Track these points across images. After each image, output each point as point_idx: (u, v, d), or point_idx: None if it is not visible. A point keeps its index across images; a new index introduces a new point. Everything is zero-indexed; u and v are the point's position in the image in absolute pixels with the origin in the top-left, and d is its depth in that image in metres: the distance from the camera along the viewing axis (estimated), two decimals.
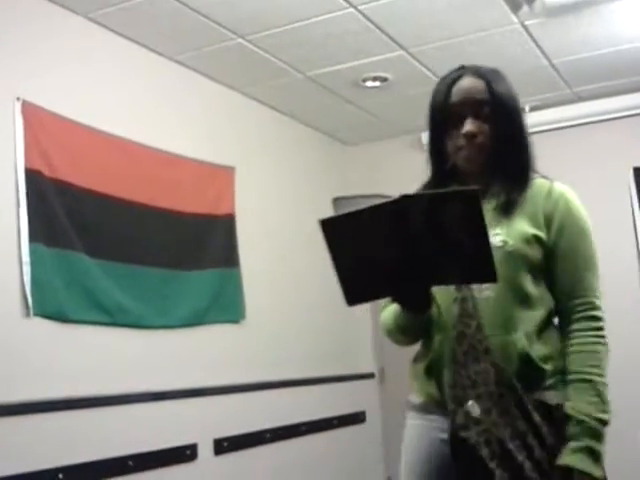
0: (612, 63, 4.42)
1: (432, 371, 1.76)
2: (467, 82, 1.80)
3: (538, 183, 1.85)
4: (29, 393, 3.05)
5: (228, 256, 4.28)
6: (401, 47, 4.05)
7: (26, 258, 3.08)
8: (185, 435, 3.80)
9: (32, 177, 3.16)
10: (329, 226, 1.51)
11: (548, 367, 1.70)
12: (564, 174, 5.59)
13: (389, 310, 1.83)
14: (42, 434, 3.08)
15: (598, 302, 1.76)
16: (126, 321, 3.55)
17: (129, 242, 3.64)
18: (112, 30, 3.68)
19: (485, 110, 1.77)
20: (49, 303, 3.16)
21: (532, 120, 5.18)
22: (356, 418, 5.24)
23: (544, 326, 1.75)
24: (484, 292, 1.69)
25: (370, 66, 4.30)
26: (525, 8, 3.63)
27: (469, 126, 1.75)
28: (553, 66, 4.43)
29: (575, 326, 1.74)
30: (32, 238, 3.11)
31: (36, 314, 3.10)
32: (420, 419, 1.81)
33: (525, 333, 1.69)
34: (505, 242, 1.71)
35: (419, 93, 4.74)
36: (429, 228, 1.48)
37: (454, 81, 1.81)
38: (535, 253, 1.74)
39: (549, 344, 1.74)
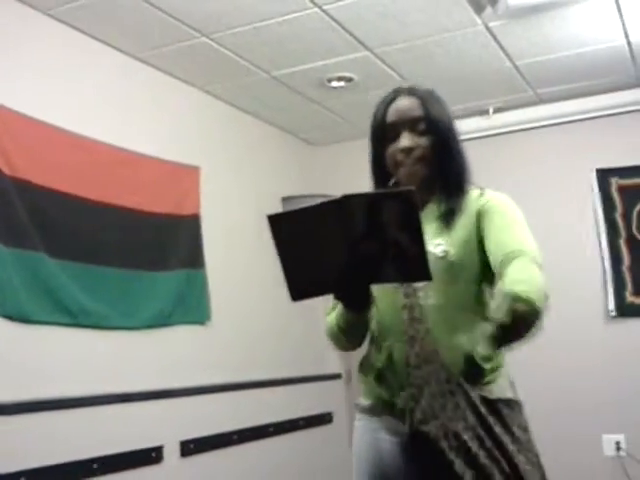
0: (574, 66, 4.47)
1: (384, 375, 1.87)
2: (402, 102, 1.94)
3: (472, 194, 1.94)
4: None
5: (193, 257, 4.26)
6: (366, 48, 4.07)
7: None
8: (151, 437, 3.77)
9: None
10: (276, 222, 1.57)
11: (488, 366, 1.83)
12: (527, 176, 5.70)
13: (333, 314, 1.93)
14: (3, 437, 3.03)
15: (535, 254, 1.74)
16: (89, 322, 3.50)
17: (92, 242, 3.60)
18: (73, 27, 3.63)
19: (421, 126, 1.89)
20: (10, 304, 3.12)
21: (495, 122, 5.30)
22: (323, 419, 5.24)
23: (480, 327, 1.79)
24: (429, 300, 1.81)
25: (335, 66, 4.31)
26: (489, 10, 3.66)
27: (405, 141, 1.87)
28: (516, 68, 4.48)
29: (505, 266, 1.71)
30: None
31: None
32: (369, 420, 1.93)
33: (468, 337, 1.80)
34: (447, 252, 1.81)
35: (384, 94, 4.77)
36: (368, 227, 1.54)
37: (390, 102, 1.96)
38: (476, 260, 1.83)
39: None
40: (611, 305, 4.86)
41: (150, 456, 3.75)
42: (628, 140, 4.92)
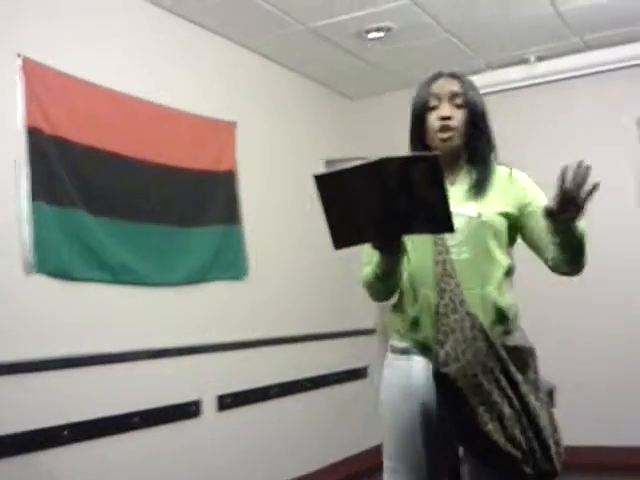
0: (621, 10, 4.31)
1: (418, 320, 2.12)
2: (445, 79, 2.21)
3: (500, 169, 2.22)
4: (32, 351, 3.05)
5: (230, 213, 4.24)
6: None
7: (27, 216, 3.06)
8: (189, 391, 3.82)
9: (33, 135, 3.13)
10: (322, 181, 1.78)
11: (510, 314, 2.11)
12: (571, 124, 5.55)
13: (369, 266, 2.14)
14: (46, 392, 3.09)
15: None
16: (128, 279, 3.54)
17: (130, 199, 3.60)
18: None
19: (458, 100, 2.16)
20: (51, 261, 3.15)
21: (538, 70, 5.13)
22: (359, 373, 5.26)
23: (503, 281, 2.13)
24: (463, 254, 2.08)
25: (373, 16, 4.20)
26: None
27: (445, 110, 2.15)
28: (559, 14, 4.33)
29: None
30: (33, 196, 3.09)
31: (39, 272, 3.10)
32: (405, 360, 2.17)
33: (495, 287, 2.09)
34: (480, 214, 2.10)
35: (424, 44, 4.65)
36: (400, 185, 1.76)
37: (434, 79, 2.22)
38: (502, 224, 2.13)
39: (508, 296, 2.13)
40: None
41: (189, 410, 3.81)
42: None
